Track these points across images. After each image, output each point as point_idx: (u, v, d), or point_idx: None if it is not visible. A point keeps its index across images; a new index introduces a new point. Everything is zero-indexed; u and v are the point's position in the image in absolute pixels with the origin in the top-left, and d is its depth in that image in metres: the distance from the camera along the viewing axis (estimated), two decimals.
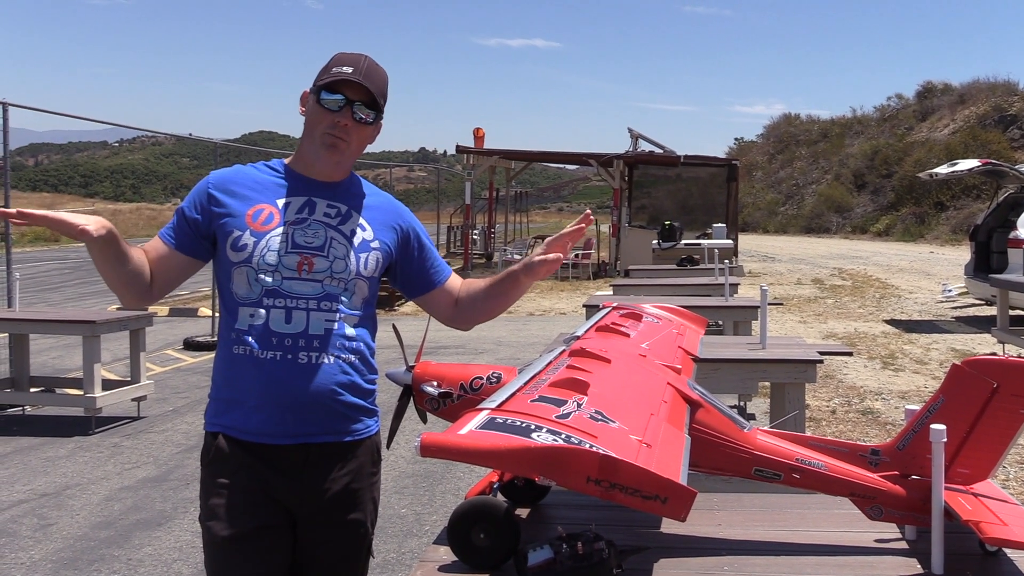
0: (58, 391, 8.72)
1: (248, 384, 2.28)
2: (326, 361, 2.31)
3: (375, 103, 2.36)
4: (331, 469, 2.34)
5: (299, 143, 2.45)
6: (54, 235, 40.35)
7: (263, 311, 2.28)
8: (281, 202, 2.37)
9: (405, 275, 2.58)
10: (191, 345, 12.10)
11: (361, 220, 2.44)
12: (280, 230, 2.32)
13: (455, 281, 2.63)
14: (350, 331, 2.37)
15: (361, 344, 2.41)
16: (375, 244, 2.44)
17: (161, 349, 12.03)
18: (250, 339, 2.28)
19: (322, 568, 2.37)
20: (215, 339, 12.15)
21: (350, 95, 2.32)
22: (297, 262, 2.30)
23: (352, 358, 2.37)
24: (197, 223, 2.36)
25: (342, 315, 2.35)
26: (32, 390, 8.56)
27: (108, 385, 8.05)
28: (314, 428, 2.31)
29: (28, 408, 8.53)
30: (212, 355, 2.68)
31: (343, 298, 2.36)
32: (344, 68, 2.33)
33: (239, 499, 2.26)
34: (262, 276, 2.28)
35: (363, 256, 2.41)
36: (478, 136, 25.86)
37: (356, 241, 2.40)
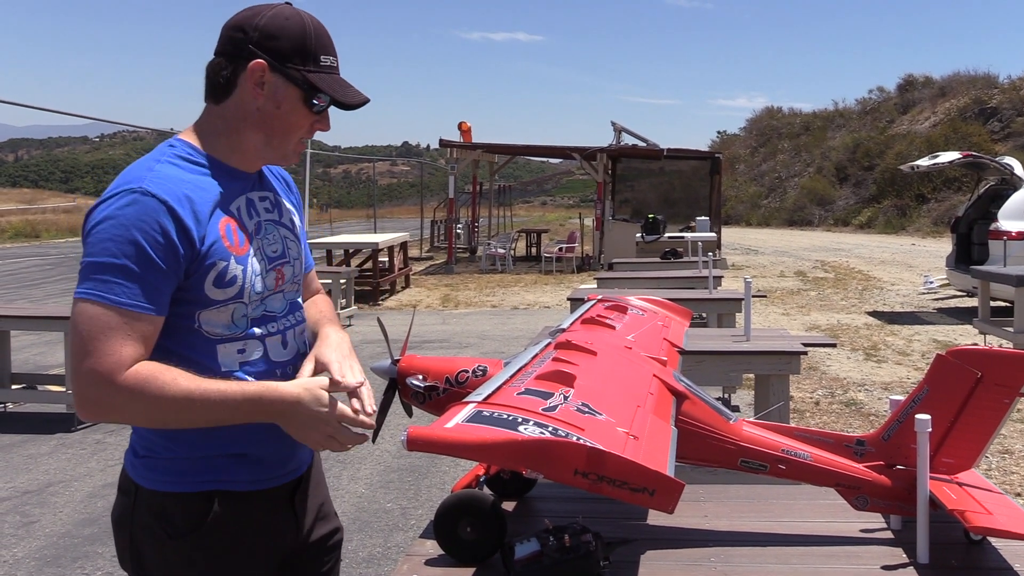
0: (40, 388, 8.66)
1: (251, 433, 1.86)
2: None
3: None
4: (309, 490, 2.11)
5: (235, 127, 1.90)
6: (34, 231, 40.08)
7: (258, 343, 1.89)
8: (233, 208, 1.89)
9: None
10: None
11: (286, 203, 2.07)
12: (254, 246, 1.90)
13: (312, 278, 2.25)
14: None
15: None
16: (304, 226, 2.12)
17: None
18: (248, 379, 1.86)
19: None
20: None
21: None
22: (274, 279, 1.94)
23: None
24: (178, 272, 1.77)
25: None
26: (13, 387, 8.49)
27: None
28: (307, 454, 2.07)
29: (10, 405, 8.46)
30: None
31: (300, 301, 2.07)
32: (332, 59, 1.89)
33: (254, 563, 1.92)
34: (251, 308, 1.87)
35: (306, 245, 2.12)
36: (464, 130, 25.76)
37: (297, 231, 2.07)
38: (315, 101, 1.86)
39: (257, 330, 1.90)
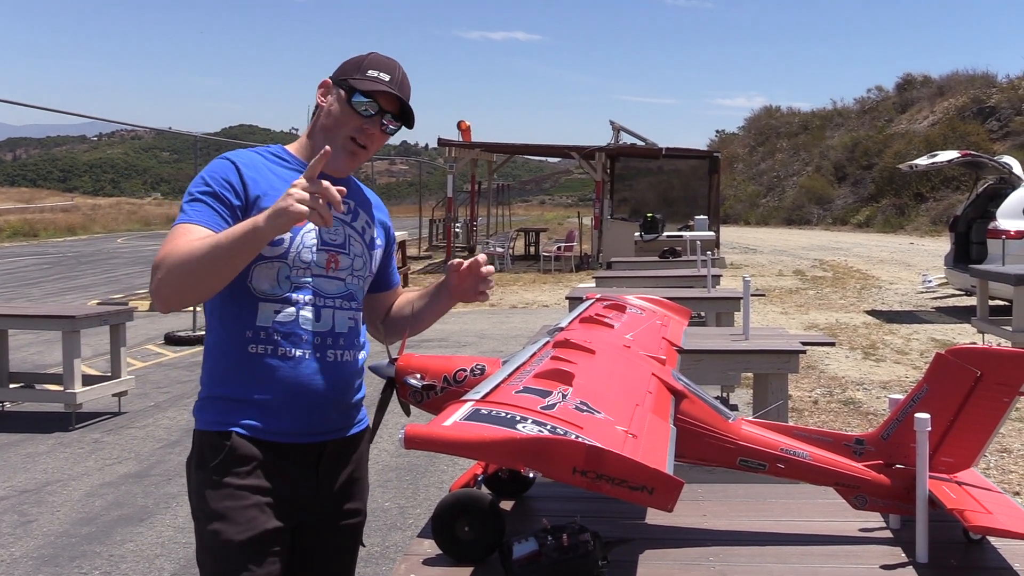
0: (38, 387, 8.66)
1: (271, 383, 2.21)
2: (348, 359, 2.33)
3: (403, 116, 2.34)
4: (340, 462, 2.35)
5: (311, 133, 2.36)
6: (32, 230, 40.03)
7: (292, 308, 2.22)
8: None
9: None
10: (172, 340, 12.00)
11: (367, 218, 2.42)
12: (311, 225, 2.23)
13: (399, 288, 2.67)
14: (361, 328, 2.41)
15: (367, 340, 2.46)
16: (379, 241, 2.46)
17: (142, 344, 11.95)
18: (276, 337, 2.20)
19: (322, 561, 2.37)
20: (196, 334, 11.85)
21: (384, 104, 2.28)
22: (326, 260, 2.27)
23: (362, 355, 2.40)
24: (235, 209, 2.18)
25: (359, 313, 2.37)
26: (11, 386, 8.49)
27: (88, 380, 7.99)
28: (332, 425, 2.31)
29: (7, 404, 8.45)
30: (193, 350, 2.62)
31: (359, 295, 2.37)
32: (382, 74, 2.29)
33: (256, 500, 2.18)
34: (294, 273, 2.22)
35: (374, 253, 2.43)
36: (463, 129, 25.69)
37: (367, 239, 2.40)
38: (354, 99, 2.26)
39: (295, 296, 2.23)
